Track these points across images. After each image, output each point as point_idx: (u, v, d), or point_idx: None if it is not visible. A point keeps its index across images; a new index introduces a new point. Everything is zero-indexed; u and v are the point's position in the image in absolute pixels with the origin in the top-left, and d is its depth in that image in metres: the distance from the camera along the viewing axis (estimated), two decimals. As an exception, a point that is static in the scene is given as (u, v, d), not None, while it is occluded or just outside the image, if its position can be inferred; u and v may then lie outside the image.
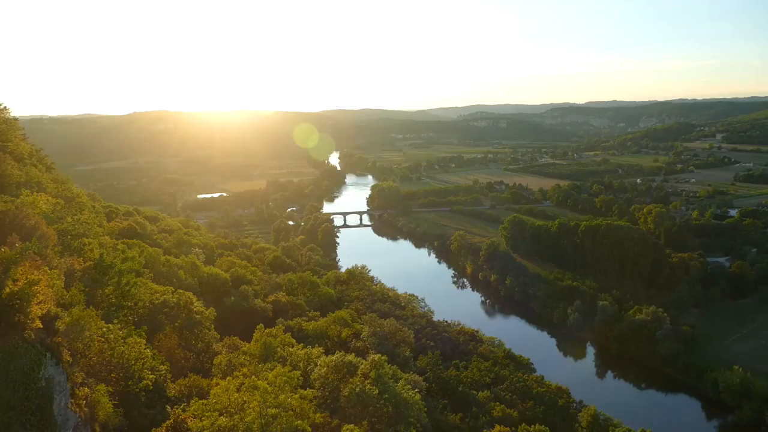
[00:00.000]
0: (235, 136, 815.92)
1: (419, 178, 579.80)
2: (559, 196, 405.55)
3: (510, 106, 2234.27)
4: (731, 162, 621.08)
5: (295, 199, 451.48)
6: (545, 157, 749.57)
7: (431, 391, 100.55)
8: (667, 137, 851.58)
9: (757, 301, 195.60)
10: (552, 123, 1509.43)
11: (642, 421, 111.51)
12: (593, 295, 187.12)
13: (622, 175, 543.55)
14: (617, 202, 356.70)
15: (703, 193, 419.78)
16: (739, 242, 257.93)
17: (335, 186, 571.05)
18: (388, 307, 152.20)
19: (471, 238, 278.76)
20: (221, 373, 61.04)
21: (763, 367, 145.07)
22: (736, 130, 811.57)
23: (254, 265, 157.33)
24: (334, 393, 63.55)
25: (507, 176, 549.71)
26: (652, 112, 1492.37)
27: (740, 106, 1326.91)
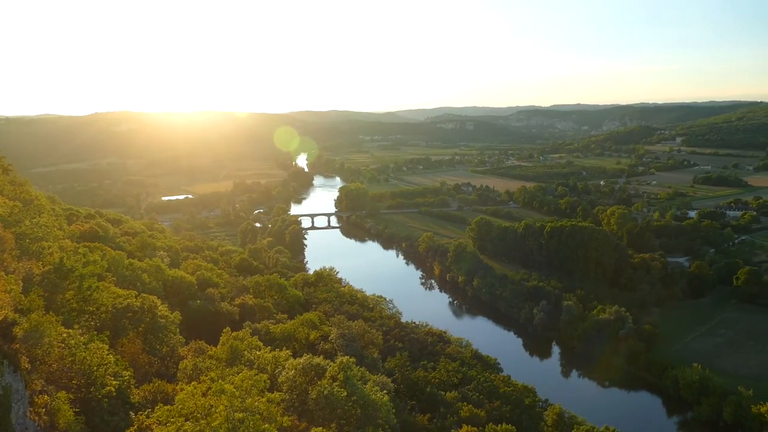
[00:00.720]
0: (200, 137, 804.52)
1: (387, 180, 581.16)
2: (525, 197, 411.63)
3: (477, 109, 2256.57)
4: (690, 165, 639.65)
5: (262, 200, 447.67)
6: (511, 159, 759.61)
7: (399, 392, 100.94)
8: (629, 140, 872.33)
9: (715, 300, 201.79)
10: (518, 125, 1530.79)
11: (605, 418, 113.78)
12: (558, 295, 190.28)
13: (586, 177, 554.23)
14: (581, 203, 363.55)
15: (663, 195, 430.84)
16: (698, 243, 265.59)
17: (303, 188, 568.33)
18: (356, 309, 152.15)
19: (439, 239, 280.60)
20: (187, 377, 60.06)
21: (721, 364, 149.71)
22: (694, 133, 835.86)
23: (221, 268, 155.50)
24: (302, 396, 63.20)
25: (474, 178, 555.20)
26: (614, 115, 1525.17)
27: (699, 111, 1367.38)
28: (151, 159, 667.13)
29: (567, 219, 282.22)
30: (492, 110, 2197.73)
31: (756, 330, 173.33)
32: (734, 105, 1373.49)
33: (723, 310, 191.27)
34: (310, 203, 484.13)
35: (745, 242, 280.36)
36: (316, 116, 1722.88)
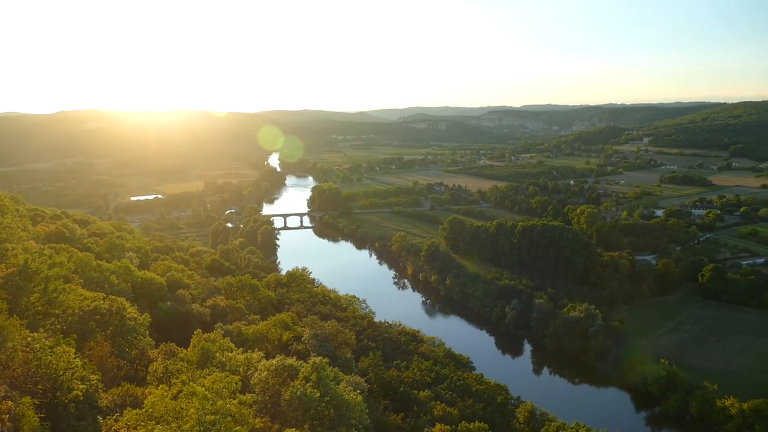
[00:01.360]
0: (170, 137, 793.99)
1: (360, 180, 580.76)
2: (496, 197, 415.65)
3: (449, 109, 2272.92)
4: (657, 164, 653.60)
5: (233, 200, 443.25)
6: (483, 159, 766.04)
7: (373, 392, 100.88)
8: (598, 140, 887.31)
9: (681, 296, 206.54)
10: (489, 125, 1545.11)
11: (576, 414, 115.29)
12: (530, 293, 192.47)
13: (557, 176, 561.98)
14: (552, 202, 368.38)
15: (631, 194, 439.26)
16: (664, 241, 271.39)
17: (275, 187, 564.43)
18: (329, 309, 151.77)
19: (411, 238, 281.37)
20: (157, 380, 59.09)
21: (687, 360, 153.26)
22: (661, 134, 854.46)
23: (191, 269, 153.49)
24: (275, 397, 62.69)
25: (446, 177, 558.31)
26: (584, 115, 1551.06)
27: (665, 111, 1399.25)
28: (120, 158, 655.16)
29: (538, 218, 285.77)
30: (464, 110, 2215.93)
31: (720, 326, 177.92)
32: (699, 106, 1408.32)
33: (689, 307, 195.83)
34: (282, 203, 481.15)
35: (710, 240, 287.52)
36: (289, 116, 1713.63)
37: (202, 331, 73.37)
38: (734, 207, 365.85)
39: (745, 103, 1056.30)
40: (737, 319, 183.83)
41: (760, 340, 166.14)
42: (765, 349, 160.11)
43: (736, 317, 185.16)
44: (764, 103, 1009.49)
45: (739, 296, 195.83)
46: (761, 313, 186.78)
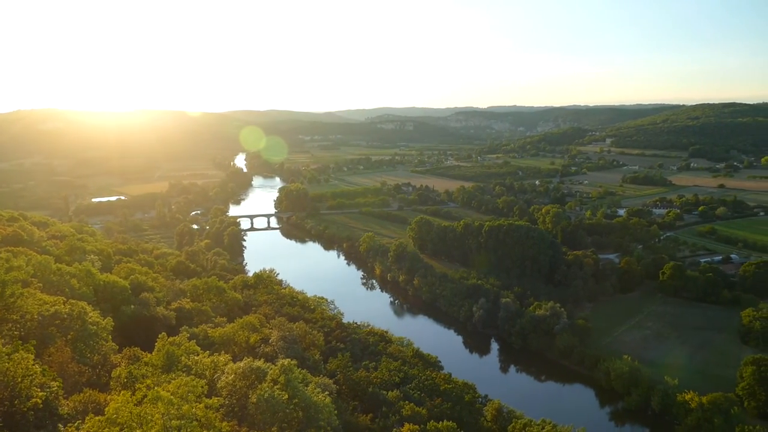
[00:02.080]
0: (134, 137, 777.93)
1: (327, 180, 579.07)
2: (464, 197, 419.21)
3: (416, 109, 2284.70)
4: (619, 165, 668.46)
5: (199, 202, 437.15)
6: (450, 160, 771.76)
7: (342, 393, 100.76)
8: (562, 141, 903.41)
9: (643, 294, 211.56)
10: (456, 126, 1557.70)
11: (542, 411, 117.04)
12: (497, 292, 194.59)
13: (522, 177, 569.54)
14: (518, 202, 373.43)
15: (595, 194, 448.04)
16: (626, 240, 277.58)
17: (241, 188, 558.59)
18: (297, 311, 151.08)
19: (379, 239, 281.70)
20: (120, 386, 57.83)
21: (649, 355, 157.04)
22: (623, 135, 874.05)
23: (156, 272, 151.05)
24: (242, 400, 62.04)
25: (414, 178, 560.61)
26: (548, 117, 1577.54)
27: (627, 113, 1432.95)
28: (80, 159, 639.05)
29: (504, 218, 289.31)
30: (431, 111, 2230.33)
31: (680, 322, 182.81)
32: (659, 108, 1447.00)
33: (650, 304, 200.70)
34: (249, 204, 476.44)
35: (670, 238, 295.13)
36: (256, 116, 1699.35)
37: (167, 335, 72.17)
38: (693, 206, 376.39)
39: (703, 105, 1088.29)
40: (696, 315, 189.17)
41: (719, 336, 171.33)
42: (723, 344, 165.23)
43: (695, 313, 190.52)
44: (721, 105, 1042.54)
45: (698, 293, 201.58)
46: (719, 309, 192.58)
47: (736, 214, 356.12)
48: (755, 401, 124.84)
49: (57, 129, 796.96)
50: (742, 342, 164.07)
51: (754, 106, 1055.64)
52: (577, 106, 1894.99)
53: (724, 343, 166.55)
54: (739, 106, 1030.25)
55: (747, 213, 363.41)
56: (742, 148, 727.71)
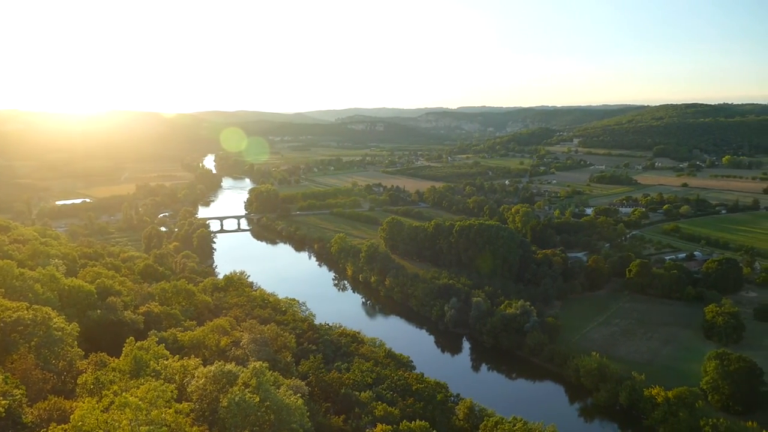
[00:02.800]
0: (100, 139, 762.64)
1: (298, 181, 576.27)
2: (434, 197, 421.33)
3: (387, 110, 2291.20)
4: (587, 164, 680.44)
5: (167, 204, 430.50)
6: (421, 160, 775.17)
7: (314, 395, 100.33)
8: (531, 141, 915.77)
9: (610, 291, 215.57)
10: (427, 126, 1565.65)
11: (513, 408, 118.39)
12: (468, 292, 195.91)
13: (492, 177, 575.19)
14: (488, 202, 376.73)
15: (563, 194, 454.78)
16: (594, 238, 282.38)
17: (211, 190, 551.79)
18: (268, 313, 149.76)
19: (351, 240, 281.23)
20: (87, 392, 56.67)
21: (616, 352, 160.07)
22: (590, 135, 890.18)
23: (123, 275, 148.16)
24: (213, 404, 61.35)
25: (385, 178, 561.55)
26: (517, 117, 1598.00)
27: (593, 113, 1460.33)
28: (43, 161, 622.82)
29: (475, 218, 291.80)
30: (401, 111, 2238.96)
31: (646, 318, 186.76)
32: (624, 108, 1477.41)
33: (617, 301, 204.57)
34: (218, 206, 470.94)
35: (636, 237, 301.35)
36: (225, 116, 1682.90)
37: (135, 340, 71.16)
38: (658, 205, 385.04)
39: (667, 106, 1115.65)
40: (662, 311, 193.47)
41: (683, 332, 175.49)
42: (687, 340, 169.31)
43: (660, 310, 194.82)
44: (684, 106, 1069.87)
45: (664, 290, 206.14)
46: (683, 305, 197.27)
47: (699, 213, 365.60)
48: (718, 395, 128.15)
49: (18, 131, 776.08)
50: (705, 337, 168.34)
51: (715, 107, 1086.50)
52: (545, 106, 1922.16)
53: (689, 338, 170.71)
54: (701, 107, 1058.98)
55: (709, 211, 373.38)
56: (704, 148, 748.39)
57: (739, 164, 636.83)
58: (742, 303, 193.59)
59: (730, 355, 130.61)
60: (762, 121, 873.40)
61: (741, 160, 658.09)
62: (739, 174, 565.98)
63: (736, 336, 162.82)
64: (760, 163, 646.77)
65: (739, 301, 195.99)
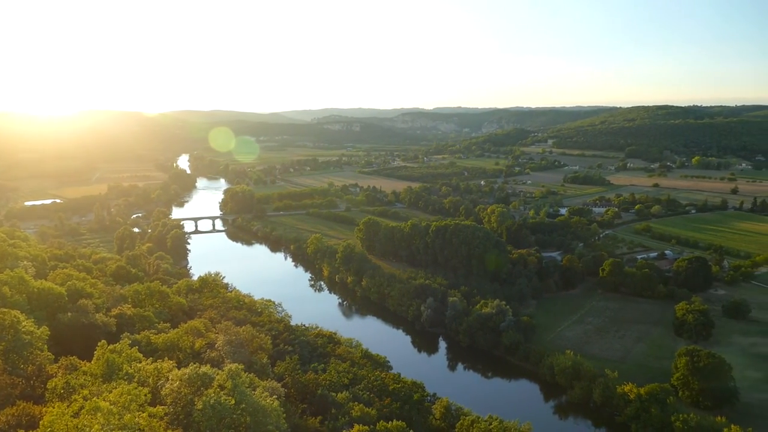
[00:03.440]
0: (72, 139, 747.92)
1: (274, 182, 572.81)
2: (411, 197, 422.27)
3: (363, 110, 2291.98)
4: (561, 165, 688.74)
5: (140, 204, 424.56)
6: (397, 160, 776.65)
7: (290, 396, 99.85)
8: (506, 142, 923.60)
9: (584, 290, 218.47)
10: (403, 127, 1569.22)
11: (489, 407, 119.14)
12: (444, 292, 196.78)
13: (468, 177, 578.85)
14: (464, 202, 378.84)
15: (538, 194, 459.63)
16: (568, 238, 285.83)
17: (185, 190, 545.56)
18: (244, 314, 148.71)
19: (327, 240, 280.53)
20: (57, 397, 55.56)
21: (590, 350, 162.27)
22: (564, 136, 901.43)
23: (95, 277, 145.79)
24: (188, 407, 60.59)
25: (361, 179, 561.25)
26: (492, 118, 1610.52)
27: (567, 115, 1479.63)
28: (11, 161, 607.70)
29: (451, 218, 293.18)
30: (378, 112, 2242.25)
31: (619, 316, 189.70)
32: (597, 110, 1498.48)
33: (591, 300, 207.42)
34: (193, 206, 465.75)
35: (609, 236, 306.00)
36: (199, 116, 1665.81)
37: (107, 343, 70.04)
38: (630, 205, 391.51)
39: (638, 108, 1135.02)
40: (634, 309, 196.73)
41: (655, 329, 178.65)
42: (658, 337, 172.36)
43: (633, 308, 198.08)
44: (655, 107, 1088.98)
45: (636, 288, 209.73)
46: (654, 303, 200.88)
47: (670, 212, 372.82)
48: (689, 390, 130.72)
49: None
50: (676, 334, 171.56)
51: (685, 109, 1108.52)
52: (520, 107, 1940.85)
53: (660, 335, 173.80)
54: (672, 108, 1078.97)
55: (680, 211, 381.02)
56: (674, 149, 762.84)
57: (708, 165, 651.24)
58: (711, 301, 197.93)
59: (699, 352, 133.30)
60: (730, 123, 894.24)
61: (710, 161, 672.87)
62: (708, 174, 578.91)
63: (706, 333, 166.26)
64: (728, 163, 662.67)
65: (708, 298, 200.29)
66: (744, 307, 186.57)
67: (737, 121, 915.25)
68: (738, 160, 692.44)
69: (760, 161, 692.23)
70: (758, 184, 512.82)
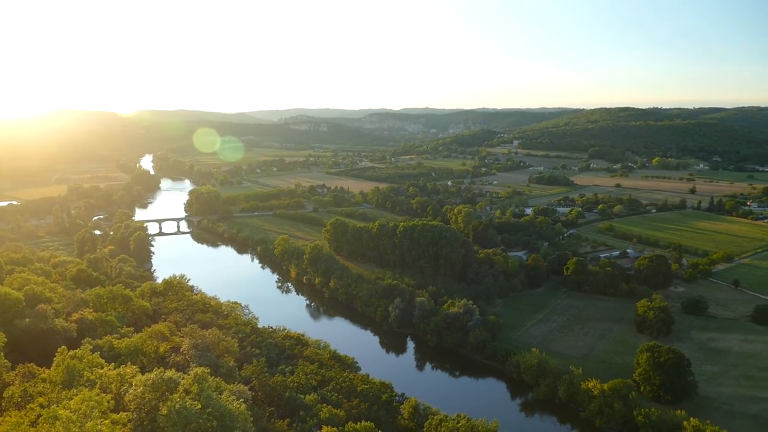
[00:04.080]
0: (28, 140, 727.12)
1: (240, 182, 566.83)
2: (378, 198, 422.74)
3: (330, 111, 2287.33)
4: (526, 165, 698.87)
5: (102, 206, 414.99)
6: (365, 161, 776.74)
7: (257, 399, 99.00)
8: (473, 143, 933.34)
9: (549, 289, 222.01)
10: (370, 128, 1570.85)
11: (457, 406, 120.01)
12: (412, 292, 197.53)
13: (435, 177, 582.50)
14: (431, 203, 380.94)
15: (504, 194, 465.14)
16: (534, 237, 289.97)
17: (149, 192, 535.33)
18: (210, 317, 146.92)
19: (294, 241, 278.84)
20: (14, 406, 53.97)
21: (555, 347, 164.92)
22: (529, 137, 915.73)
23: (54, 281, 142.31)
24: (152, 413, 59.55)
25: (329, 179, 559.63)
26: (459, 119, 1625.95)
27: (532, 116, 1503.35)
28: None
29: (418, 218, 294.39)
30: (345, 112, 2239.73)
31: (583, 314, 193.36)
32: (561, 112, 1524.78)
33: (556, 298, 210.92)
34: (157, 208, 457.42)
35: (573, 235, 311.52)
36: (164, 116, 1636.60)
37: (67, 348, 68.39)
38: (593, 205, 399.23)
39: (601, 110, 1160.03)
40: (597, 307, 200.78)
41: (617, 326, 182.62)
42: (621, 334, 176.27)
43: (596, 306, 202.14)
44: (617, 109, 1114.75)
45: (599, 286, 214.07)
46: (617, 301, 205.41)
47: (632, 212, 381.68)
48: (650, 385, 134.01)
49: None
50: (638, 331, 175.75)
51: (645, 111, 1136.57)
52: (486, 109, 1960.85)
53: (623, 332, 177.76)
54: (633, 110, 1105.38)
55: (641, 210, 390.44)
56: (635, 150, 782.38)
57: (668, 165, 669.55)
58: (671, 297, 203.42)
59: (660, 348, 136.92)
60: (689, 125, 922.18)
61: (669, 161, 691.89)
62: (668, 175, 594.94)
63: (666, 329, 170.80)
64: (686, 164, 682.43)
65: (668, 295, 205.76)
66: (702, 304, 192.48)
67: (695, 123, 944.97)
68: (696, 160, 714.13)
69: (716, 162, 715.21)
70: (715, 184, 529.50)
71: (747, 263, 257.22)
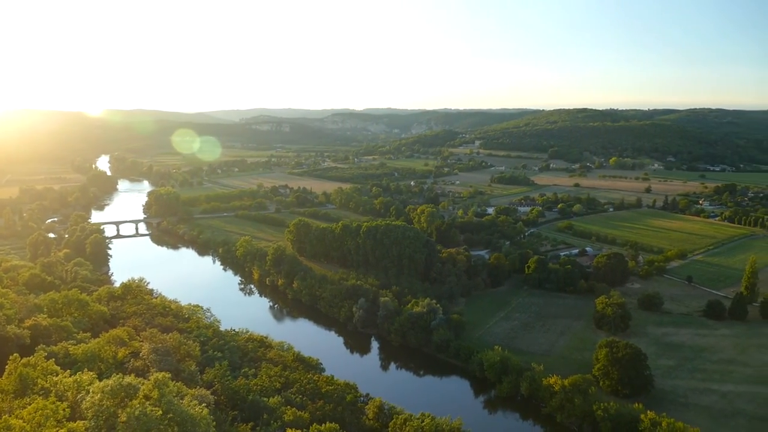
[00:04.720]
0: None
1: (201, 183, 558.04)
2: (341, 198, 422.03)
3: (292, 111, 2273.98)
4: (488, 166, 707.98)
5: (56, 208, 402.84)
6: (327, 161, 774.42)
7: (220, 403, 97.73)
8: (435, 143, 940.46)
9: (511, 287, 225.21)
10: (333, 128, 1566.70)
11: (421, 405, 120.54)
12: (376, 292, 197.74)
13: (398, 177, 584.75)
14: (394, 203, 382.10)
15: (466, 194, 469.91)
16: (495, 236, 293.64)
17: (105, 193, 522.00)
18: (170, 321, 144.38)
19: (257, 243, 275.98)
20: (-36, 416, 51.87)
21: (517, 345, 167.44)
22: (490, 137, 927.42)
23: (5, 287, 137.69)
24: (111, 420, 58.10)
25: (291, 180, 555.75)
26: (422, 119, 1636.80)
27: (493, 117, 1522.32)
28: None
29: (382, 219, 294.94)
30: (308, 112, 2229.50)
31: (544, 312, 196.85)
32: (522, 112, 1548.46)
33: (517, 296, 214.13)
34: (114, 210, 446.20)
35: (534, 234, 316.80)
36: (120, 115, 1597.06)
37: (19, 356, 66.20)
38: (553, 204, 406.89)
39: (559, 111, 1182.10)
40: (557, 305, 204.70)
41: (577, 323, 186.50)
42: (580, 330, 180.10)
43: (556, 303, 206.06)
44: (576, 110, 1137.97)
45: (559, 284, 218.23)
46: (576, 298, 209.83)
47: (590, 211, 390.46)
48: (609, 380, 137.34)
49: None
50: (597, 327, 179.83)
51: (603, 112, 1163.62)
52: (448, 109, 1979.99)
53: (582, 329, 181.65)
54: (591, 111, 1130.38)
55: (599, 209, 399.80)
56: (593, 150, 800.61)
57: (624, 165, 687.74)
58: (628, 294, 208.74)
59: (618, 343, 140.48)
60: (643, 126, 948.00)
61: (625, 161, 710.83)
62: (624, 174, 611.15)
63: (624, 325, 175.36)
64: (642, 164, 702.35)
65: (625, 292, 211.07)
66: (657, 300, 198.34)
67: (650, 124, 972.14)
68: (651, 160, 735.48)
69: (670, 162, 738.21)
70: (669, 183, 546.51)
71: (700, 260, 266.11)
